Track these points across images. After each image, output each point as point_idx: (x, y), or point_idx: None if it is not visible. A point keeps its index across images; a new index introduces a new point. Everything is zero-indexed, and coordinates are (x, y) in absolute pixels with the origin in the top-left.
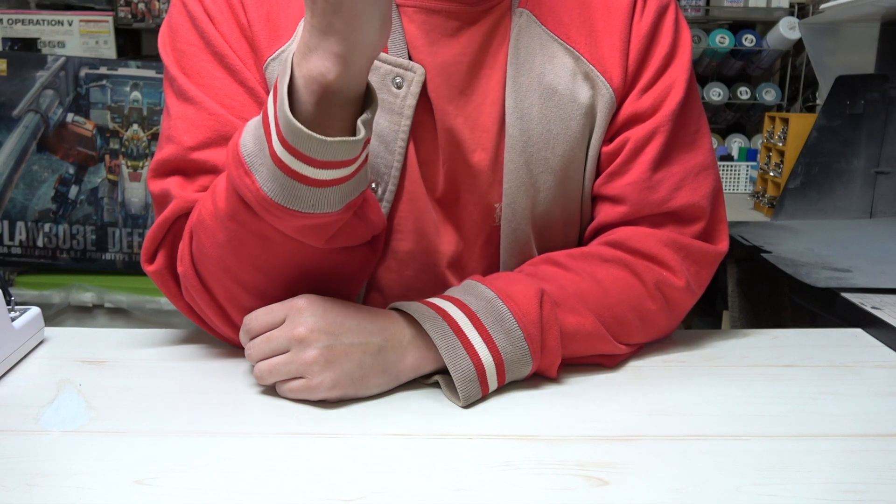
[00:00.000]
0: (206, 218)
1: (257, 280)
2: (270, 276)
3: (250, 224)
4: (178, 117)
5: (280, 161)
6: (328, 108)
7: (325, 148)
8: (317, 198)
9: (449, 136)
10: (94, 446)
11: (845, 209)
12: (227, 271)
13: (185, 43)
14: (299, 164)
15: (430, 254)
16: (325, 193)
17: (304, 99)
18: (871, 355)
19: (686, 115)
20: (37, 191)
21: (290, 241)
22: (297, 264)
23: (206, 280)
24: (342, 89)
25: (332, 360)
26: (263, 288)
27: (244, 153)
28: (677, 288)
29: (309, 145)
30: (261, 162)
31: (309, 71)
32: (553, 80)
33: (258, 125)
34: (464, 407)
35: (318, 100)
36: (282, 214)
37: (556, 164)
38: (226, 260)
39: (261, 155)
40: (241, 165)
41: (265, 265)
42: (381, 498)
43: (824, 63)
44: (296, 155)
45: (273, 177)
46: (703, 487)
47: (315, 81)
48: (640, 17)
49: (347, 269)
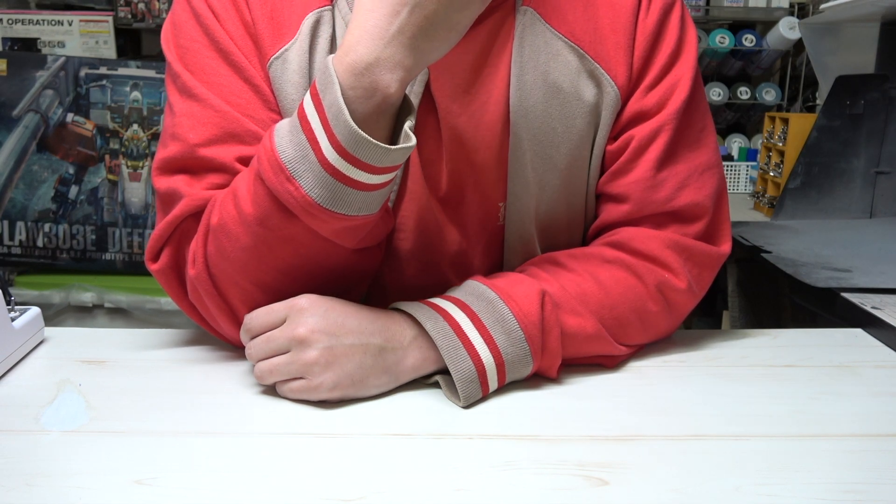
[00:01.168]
0: (227, 222)
1: (277, 281)
2: (292, 277)
3: (282, 229)
4: (182, 114)
5: (332, 167)
6: (378, 116)
7: (386, 156)
8: (364, 201)
9: (453, 134)
10: (94, 446)
11: (845, 209)
12: (247, 274)
13: (188, 39)
14: (356, 171)
15: (432, 253)
16: (372, 196)
17: (357, 108)
18: (871, 355)
19: (691, 114)
20: (37, 191)
21: (320, 244)
22: (320, 265)
23: (221, 283)
24: (398, 101)
25: (333, 361)
26: (282, 288)
27: (284, 159)
28: (678, 290)
29: (372, 154)
30: (305, 168)
31: (373, 83)
32: (557, 78)
33: (295, 130)
34: (464, 407)
35: (374, 109)
36: (327, 218)
37: (561, 163)
38: (249, 264)
39: (304, 161)
40: (281, 171)
41: (288, 267)
42: (381, 498)
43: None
44: (353, 162)
45: (322, 182)
46: (703, 487)
47: (379, 93)
48: (645, 14)
49: (361, 268)
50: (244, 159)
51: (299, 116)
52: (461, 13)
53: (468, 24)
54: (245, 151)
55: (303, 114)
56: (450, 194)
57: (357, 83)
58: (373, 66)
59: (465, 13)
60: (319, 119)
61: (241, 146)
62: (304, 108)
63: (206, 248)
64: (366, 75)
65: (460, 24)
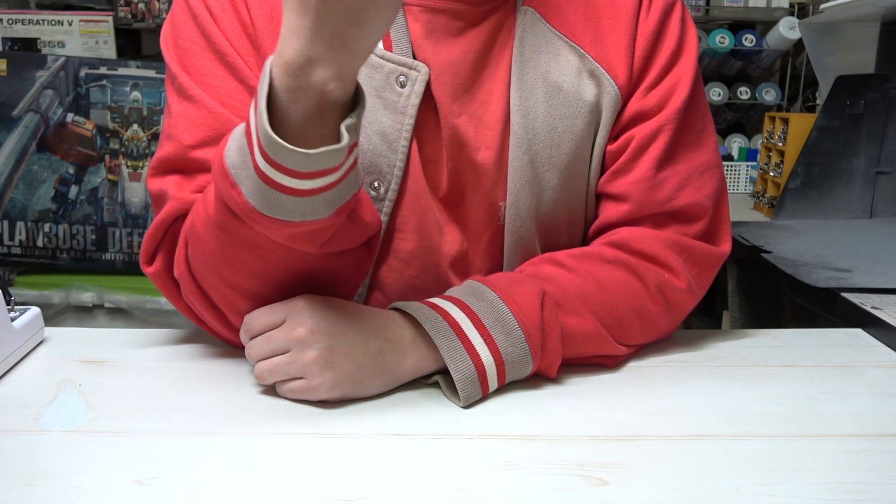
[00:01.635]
0: (198, 225)
1: (252, 285)
2: (265, 281)
3: (240, 233)
4: (178, 115)
5: (263, 174)
6: (320, 116)
7: (308, 160)
8: (304, 206)
9: (453, 134)
10: (94, 446)
11: (845, 209)
12: (221, 277)
13: (186, 40)
14: (283, 176)
15: (432, 253)
16: (312, 202)
17: (293, 109)
18: (871, 355)
19: (691, 114)
20: (37, 191)
21: (283, 248)
22: (292, 269)
23: (202, 284)
24: (341, 98)
25: (332, 361)
26: (259, 292)
27: (229, 164)
28: (678, 290)
29: (292, 158)
30: (245, 174)
31: (309, 82)
32: (558, 77)
33: (242, 135)
34: (464, 407)
35: (312, 109)
36: (270, 224)
37: (561, 163)
38: (219, 266)
39: (245, 167)
40: (226, 177)
41: (259, 271)
42: (381, 498)
43: (824, 63)
44: (278, 168)
45: (257, 189)
46: (703, 487)
47: (316, 92)
48: (646, 14)
49: (343, 271)
50: None
51: (247, 120)
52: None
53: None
54: None
55: (248, 118)
56: (450, 194)
57: (293, 84)
58: (305, 66)
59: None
60: (255, 123)
61: None
62: (248, 112)
63: (186, 249)
64: (299, 75)
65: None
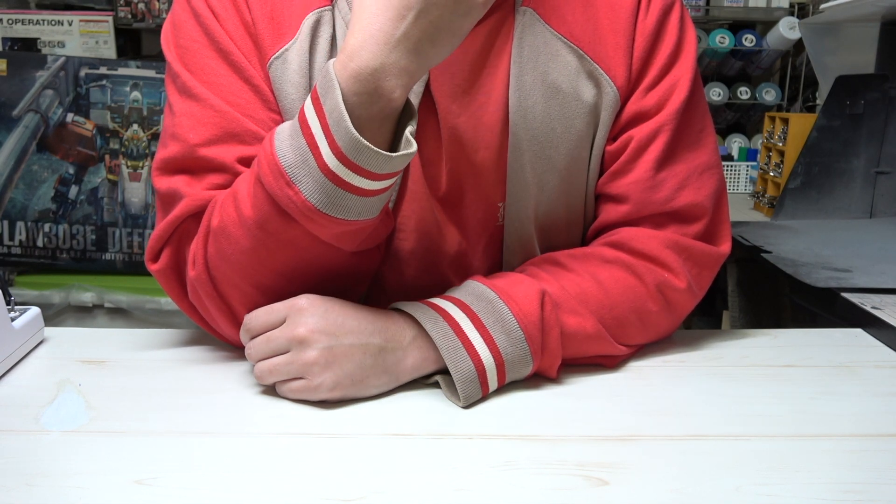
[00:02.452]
0: (228, 225)
1: (276, 283)
2: (290, 279)
3: (282, 232)
4: (182, 114)
5: (332, 173)
6: (382, 121)
7: (388, 163)
8: (364, 206)
9: (452, 134)
10: (94, 446)
11: (845, 209)
12: (247, 277)
13: (188, 39)
14: (356, 177)
15: (432, 253)
16: (371, 202)
17: (360, 113)
18: (871, 355)
19: (691, 114)
20: (37, 191)
21: (319, 247)
22: (320, 267)
23: (221, 284)
24: (402, 105)
25: (333, 361)
26: (281, 290)
27: (284, 164)
28: (678, 289)
29: (373, 161)
30: (305, 173)
31: (378, 88)
32: (557, 78)
33: (295, 134)
34: (464, 407)
35: (377, 115)
36: (326, 223)
37: (560, 163)
38: (248, 266)
39: (304, 166)
40: (280, 176)
41: (287, 269)
42: (381, 498)
43: (824, 63)
44: (354, 169)
45: (322, 188)
46: (703, 487)
47: (383, 99)
48: (644, 15)
49: (360, 269)
50: (244, 159)
51: (300, 120)
52: (464, 18)
53: (469, 28)
54: (245, 151)
55: (303, 118)
56: (449, 194)
57: (361, 89)
58: (378, 72)
59: (468, 18)
60: (320, 124)
61: (242, 146)
62: (304, 113)
63: (207, 249)
64: (370, 81)
65: (462, 28)
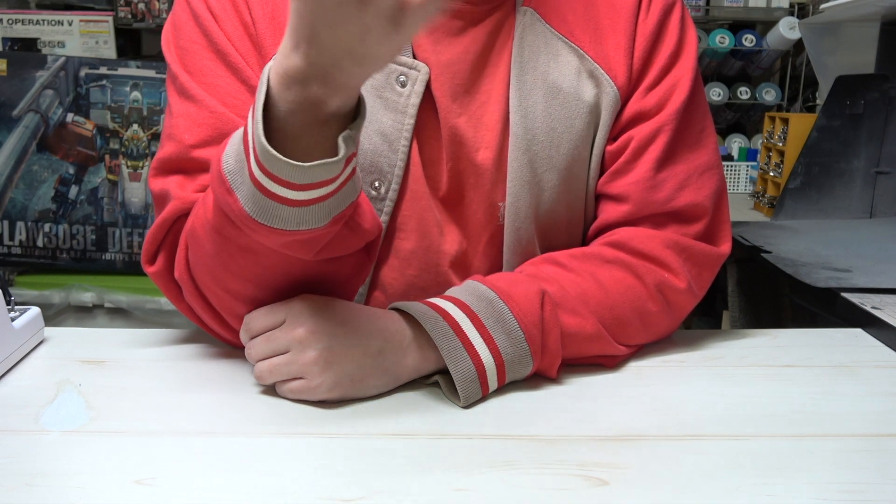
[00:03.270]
0: (196, 228)
1: (248, 289)
2: (261, 286)
3: (237, 238)
4: (179, 115)
5: (258, 183)
6: (318, 127)
7: (303, 173)
8: (300, 216)
9: (453, 134)
10: (94, 446)
11: (845, 209)
12: (218, 281)
13: (187, 40)
14: (278, 186)
15: (432, 253)
16: (308, 211)
17: (291, 120)
18: (871, 355)
19: (691, 114)
20: (37, 191)
21: (279, 254)
22: (288, 274)
23: (200, 286)
24: (340, 110)
25: (332, 362)
26: (255, 296)
27: (226, 170)
28: (678, 290)
29: (287, 170)
30: (241, 181)
31: (307, 96)
32: (557, 78)
33: (240, 141)
34: (464, 407)
35: (310, 120)
36: (266, 232)
37: (561, 163)
38: (216, 270)
39: (241, 174)
40: (223, 183)
41: (255, 276)
42: (381, 498)
43: (824, 63)
44: (273, 179)
45: (253, 197)
46: (703, 487)
47: (313, 105)
48: (645, 15)
49: (340, 276)
50: None
51: (244, 127)
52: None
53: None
54: None
55: (246, 125)
56: (450, 194)
57: (291, 95)
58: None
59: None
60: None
61: None
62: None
63: (187, 251)
64: (297, 89)
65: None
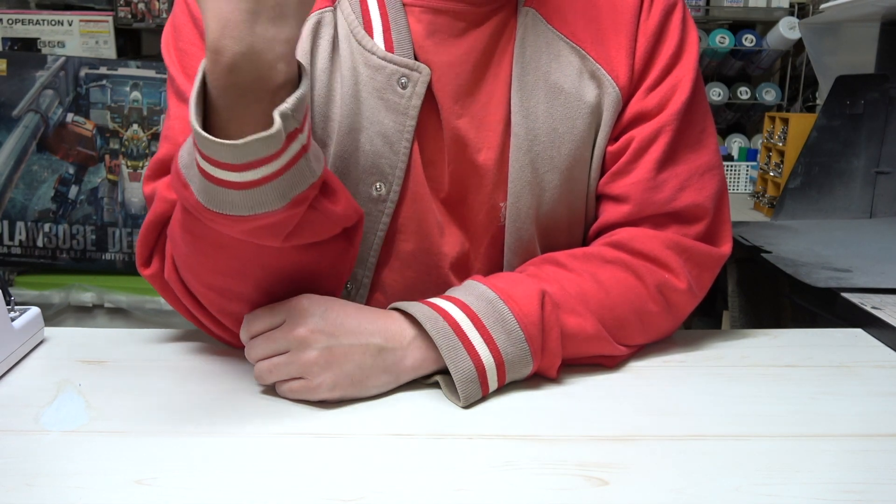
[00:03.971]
0: (174, 226)
1: (228, 284)
2: (239, 280)
3: (203, 234)
4: (175, 117)
5: (203, 170)
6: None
7: (237, 151)
8: (251, 199)
9: (454, 135)
10: (94, 446)
11: (845, 209)
12: (199, 279)
13: (186, 43)
14: (218, 170)
15: (433, 254)
16: (257, 193)
17: (224, 99)
18: (871, 355)
19: (692, 115)
20: (37, 191)
21: (249, 245)
22: (263, 266)
23: (189, 286)
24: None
25: (332, 362)
26: (237, 291)
27: (181, 164)
28: (679, 290)
29: (221, 152)
30: (193, 172)
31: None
32: (559, 78)
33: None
34: (464, 407)
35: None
36: (223, 221)
37: (562, 163)
38: (194, 267)
39: (192, 166)
40: (179, 178)
41: (231, 270)
42: (381, 498)
43: (824, 63)
44: (212, 162)
45: (202, 186)
46: (703, 487)
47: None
48: (646, 15)
49: (321, 265)
50: None
51: None
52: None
53: None
54: None
55: None
56: (451, 195)
57: (214, 69)
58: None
59: None
60: None
61: None
62: None
63: (172, 251)
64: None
65: None
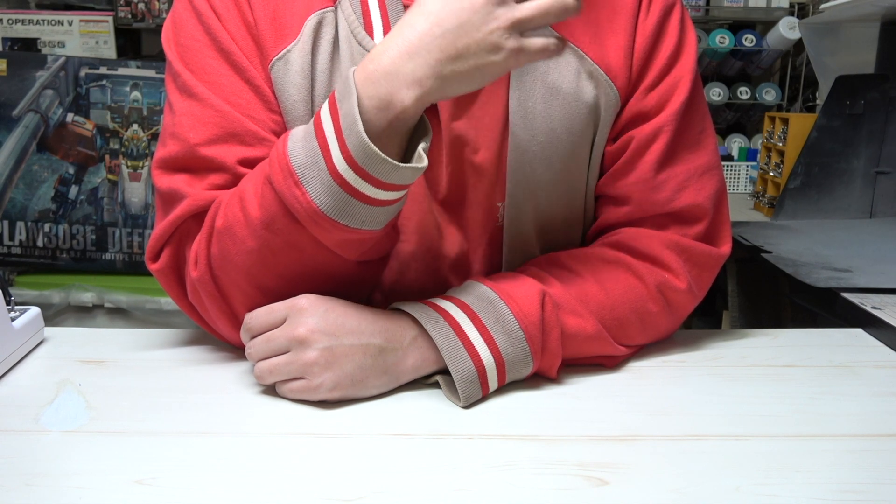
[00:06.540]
0: (234, 225)
1: (279, 286)
2: (293, 283)
3: (287, 234)
4: (182, 113)
5: (340, 177)
6: (394, 132)
7: (395, 172)
8: (368, 215)
9: (453, 136)
10: (94, 446)
11: (845, 209)
12: (251, 278)
13: (189, 38)
14: (364, 183)
15: (433, 255)
16: (376, 212)
17: (372, 119)
18: (871, 355)
19: (691, 115)
20: (37, 191)
21: (323, 253)
22: (323, 273)
23: (224, 285)
24: (414, 119)
25: (333, 362)
26: (284, 292)
27: (294, 163)
28: (679, 290)
29: (381, 169)
30: (314, 174)
31: (389, 93)
32: (557, 78)
33: (309, 136)
34: (464, 407)
35: (388, 124)
36: (330, 228)
37: (560, 164)
38: (252, 267)
39: (314, 168)
40: (290, 175)
41: (291, 273)
42: (381, 498)
43: (824, 63)
44: (362, 174)
45: (329, 191)
46: (703, 487)
47: (393, 106)
48: (645, 15)
49: (363, 277)
50: (245, 161)
51: (315, 124)
52: (493, 56)
53: (498, 72)
54: (246, 152)
55: (318, 121)
56: (450, 196)
57: (373, 92)
58: (391, 76)
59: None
60: (334, 127)
61: (242, 147)
62: (320, 116)
63: (210, 250)
64: (382, 84)
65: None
